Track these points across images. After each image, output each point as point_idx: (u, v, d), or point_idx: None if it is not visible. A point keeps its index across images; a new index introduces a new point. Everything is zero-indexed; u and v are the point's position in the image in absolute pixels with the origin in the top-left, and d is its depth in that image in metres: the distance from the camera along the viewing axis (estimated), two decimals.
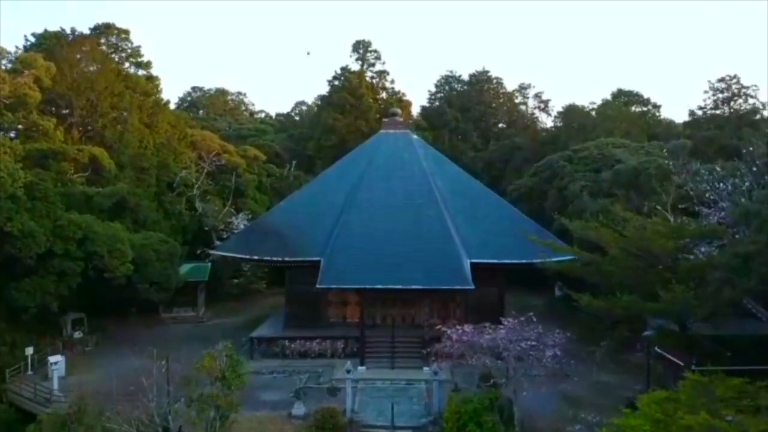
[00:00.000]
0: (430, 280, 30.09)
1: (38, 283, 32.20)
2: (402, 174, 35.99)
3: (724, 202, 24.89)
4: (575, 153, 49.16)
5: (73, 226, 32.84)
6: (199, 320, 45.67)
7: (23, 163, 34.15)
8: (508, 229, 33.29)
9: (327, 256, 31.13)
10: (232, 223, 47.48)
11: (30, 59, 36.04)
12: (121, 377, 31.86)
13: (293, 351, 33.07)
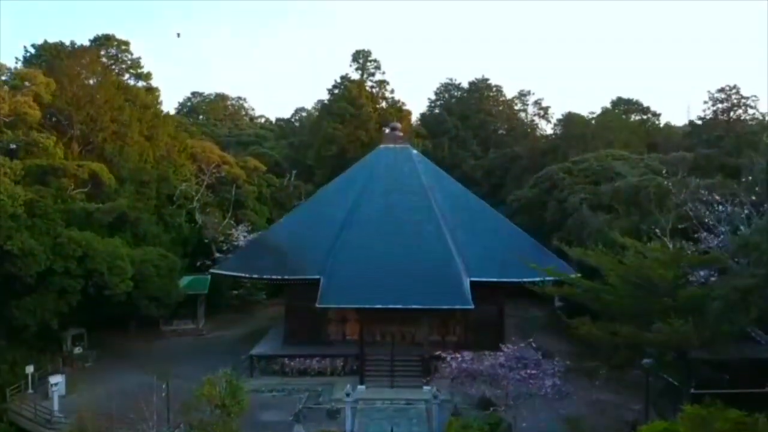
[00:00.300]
0: (430, 299, 30.14)
1: (38, 301, 32.26)
2: (401, 189, 36.04)
3: (723, 225, 24.89)
4: (575, 165, 49.19)
5: (73, 243, 32.88)
6: (199, 333, 45.71)
7: (23, 180, 34.29)
8: (508, 245, 33.36)
9: (327, 275, 31.20)
10: (232, 235, 47.50)
11: (29, 75, 36.08)
12: (121, 396, 32.01)
13: (293, 369, 33.14)
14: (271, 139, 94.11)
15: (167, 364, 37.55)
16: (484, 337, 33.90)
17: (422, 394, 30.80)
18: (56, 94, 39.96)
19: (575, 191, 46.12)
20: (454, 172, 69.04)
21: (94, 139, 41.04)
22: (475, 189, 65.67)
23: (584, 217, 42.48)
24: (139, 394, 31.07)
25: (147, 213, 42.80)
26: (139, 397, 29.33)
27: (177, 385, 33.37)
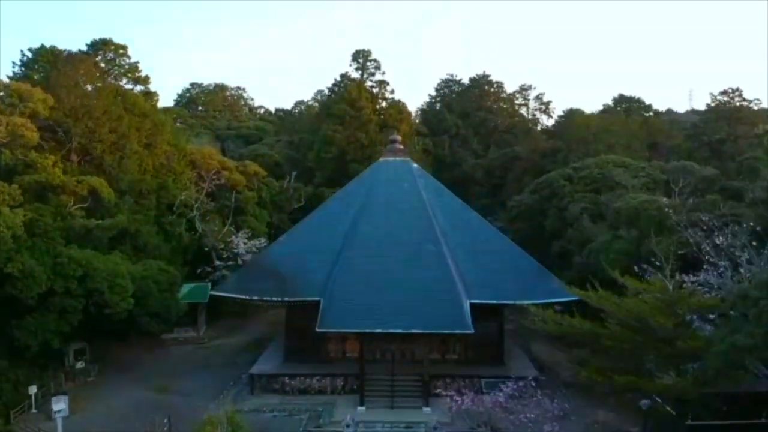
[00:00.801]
0: (430, 324, 30.21)
1: (39, 321, 32.31)
2: (402, 207, 35.92)
3: (723, 260, 24.78)
4: (575, 171, 49.02)
5: (74, 263, 32.82)
6: (200, 341, 45.95)
7: (23, 197, 34.19)
8: (508, 266, 33.38)
9: (326, 297, 31.22)
10: (232, 242, 47.51)
11: (26, 92, 35.64)
12: (125, 416, 32.33)
13: (293, 387, 33.37)
14: (271, 133, 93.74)
15: (168, 378, 38.15)
16: (484, 354, 34.26)
17: (422, 416, 31.23)
18: (54, 107, 39.68)
19: (575, 200, 46.09)
20: (455, 170, 69.20)
21: (93, 150, 40.81)
22: (475, 189, 66.09)
23: (584, 228, 42.57)
24: (140, 415, 31.97)
25: (147, 224, 42.74)
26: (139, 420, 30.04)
27: (178, 403, 34.07)
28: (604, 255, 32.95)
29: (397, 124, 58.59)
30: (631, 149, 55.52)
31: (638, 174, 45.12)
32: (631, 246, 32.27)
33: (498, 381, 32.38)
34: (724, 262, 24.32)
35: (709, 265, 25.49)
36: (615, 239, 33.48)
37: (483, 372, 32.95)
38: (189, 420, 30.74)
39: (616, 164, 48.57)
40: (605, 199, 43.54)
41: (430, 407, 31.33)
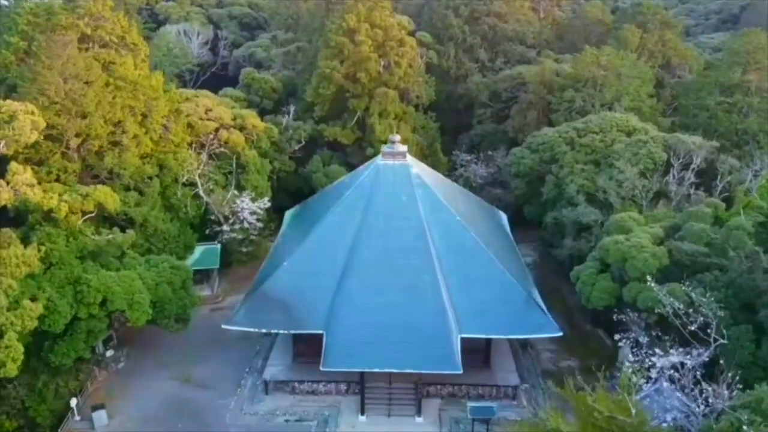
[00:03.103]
0: (422, 362, 33.38)
1: (69, 344, 35.64)
2: (399, 227, 36.99)
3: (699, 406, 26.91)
4: (578, 134, 48.29)
5: (93, 291, 35.14)
6: (216, 300, 49.69)
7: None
8: (498, 295, 35.48)
9: (329, 333, 34.00)
10: (237, 206, 48.93)
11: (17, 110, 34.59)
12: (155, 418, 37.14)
13: (302, 390, 37.74)
14: (266, 10, 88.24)
15: (189, 361, 42.39)
16: (474, 360, 37.82)
17: (415, 427, 35.97)
18: (45, 105, 38.85)
19: (574, 172, 46.39)
20: (459, 86, 67.19)
21: (91, 150, 40.66)
22: (480, 112, 64.89)
23: (578, 214, 43.84)
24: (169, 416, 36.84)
25: (153, 209, 44.02)
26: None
27: (200, 399, 38.79)
28: (590, 288, 34.99)
29: (398, 58, 55.81)
30: (640, 97, 53.82)
31: (639, 151, 44.88)
32: (615, 288, 34.17)
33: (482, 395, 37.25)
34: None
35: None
36: (600, 274, 35.15)
37: (470, 379, 36.81)
38: (212, 422, 36.17)
39: (620, 128, 47.85)
40: (601, 184, 44.10)
41: (422, 416, 36.07)
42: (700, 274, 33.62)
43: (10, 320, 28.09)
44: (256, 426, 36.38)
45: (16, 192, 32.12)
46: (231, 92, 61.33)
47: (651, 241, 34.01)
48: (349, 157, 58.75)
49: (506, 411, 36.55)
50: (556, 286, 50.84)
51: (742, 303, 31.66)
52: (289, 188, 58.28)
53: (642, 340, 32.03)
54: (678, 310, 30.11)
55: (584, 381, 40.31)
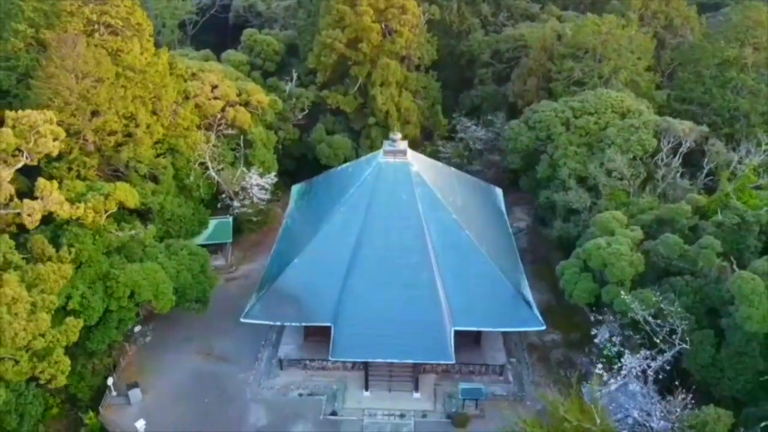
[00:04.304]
0: (420, 354, 37.65)
1: (103, 332, 39.65)
2: (400, 225, 39.85)
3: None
4: (574, 115, 49.74)
5: (122, 286, 38.75)
6: (230, 269, 53.44)
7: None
8: (489, 291, 38.99)
9: (336, 326, 37.97)
10: (246, 183, 51.53)
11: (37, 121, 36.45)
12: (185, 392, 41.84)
13: (313, 366, 42.29)
14: None
15: (211, 335, 46.63)
16: (465, 340, 42.00)
17: (412, 403, 40.68)
18: (61, 107, 40.67)
19: (568, 155, 48.49)
20: (462, 43, 67.33)
21: (107, 146, 42.80)
22: (481, 71, 65.64)
23: (570, 199, 46.54)
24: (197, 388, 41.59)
25: (168, 195, 46.75)
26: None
27: (223, 373, 43.44)
28: (572, 286, 38.48)
29: (400, 27, 55.87)
30: (637, 70, 54.52)
31: (630, 137, 46.74)
32: (595, 288, 37.60)
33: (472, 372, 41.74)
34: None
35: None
36: (582, 273, 38.42)
37: (462, 358, 40.97)
38: (235, 396, 41.02)
39: (614, 109, 49.30)
40: (591, 170, 46.39)
41: (419, 392, 40.79)
42: (674, 277, 36.98)
43: (56, 338, 31.85)
44: (273, 399, 41.20)
45: (48, 211, 34.71)
46: (233, 55, 61.95)
47: (630, 247, 36.97)
48: (351, 123, 60.43)
49: (494, 386, 41.35)
50: (545, 254, 54.36)
51: (708, 308, 35.25)
52: (293, 154, 60.45)
53: (615, 339, 36.02)
54: (646, 318, 33.81)
55: (566, 354, 45.59)
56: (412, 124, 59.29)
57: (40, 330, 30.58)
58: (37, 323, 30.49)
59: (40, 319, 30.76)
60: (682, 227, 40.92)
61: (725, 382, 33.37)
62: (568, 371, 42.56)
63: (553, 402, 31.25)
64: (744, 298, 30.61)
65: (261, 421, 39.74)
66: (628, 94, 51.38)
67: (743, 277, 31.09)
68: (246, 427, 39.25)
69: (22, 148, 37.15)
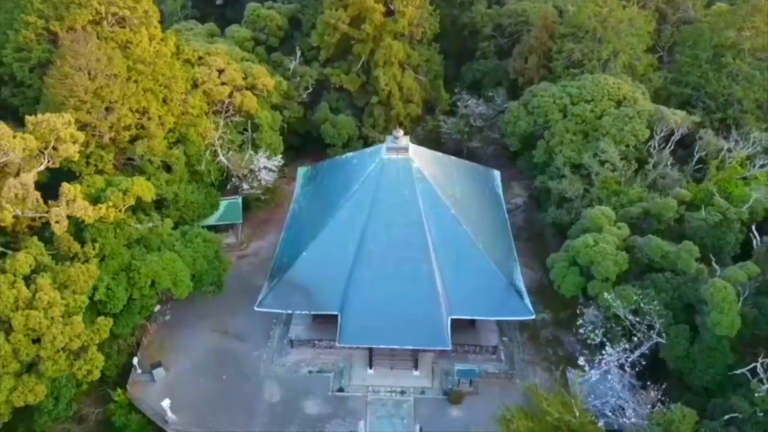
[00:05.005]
0: (419, 340, 40.98)
1: (127, 318, 42.93)
2: (402, 221, 42.30)
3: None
4: (571, 102, 51.11)
5: (144, 277, 41.72)
6: (241, 246, 56.27)
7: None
8: (484, 283, 41.86)
9: (343, 314, 41.18)
10: (254, 166, 53.67)
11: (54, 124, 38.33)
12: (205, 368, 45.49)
13: (321, 345, 45.86)
14: None
15: (226, 312, 49.86)
16: (462, 322, 45.20)
17: (412, 380, 44.40)
18: (77, 106, 42.45)
19: (564, 142, 50.35)
20: (464, 15, 67.59)
21: (122, 140, 44.76)
22: (482, 45, 66.27)
23: (564, 187, 48.79)
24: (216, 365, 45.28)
25: (181, 183, 49.03)
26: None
27: (238, 350, 47.03)
28: (561, 279, 41.38)
29: (403, 7, 56.28)
30: (635, 53, 55.28)
31: (623, 127, 48.42)
32: (582, 282, 40.47)
33: (467, 352, 45.26)
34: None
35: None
36: (571, 267, 41.19)
37: (459, 338, 44.41)
38: (250, 373, 44.81)
39: (611, 96, 50.68)
40: (586, 160, 48.37)
41: (418, 370, 44.48)
42: (656, 273, 39.80)
43: (90, 336, 35.08)
44: (285, 376, 45.01)
45: (74, 217, 37.25)
46: (237, 31, 62.53)
47: (616, 245, 39.59)
48: (354, 100, 61.77)
49: (487, 364, 45.04)
50: (540, 231, 57.03)
51: (685, 304, 38.24)
52: (298, 131, 62.11)
53: (597, 331, 39.23)
54: (626, 316, 36.94)
55: (555, 334, 49.02)
56: (414, 103, 60.64)
57: (75, 332, 33.70)
58: (73, 326, 33.59)
59: (75, 322, 33.85)
60: (668, 219, 43.49)
61: (697, 373, 36.73)
62: (556, 350, 46.95)
63: (537, 395, 34.73)
64: (715, 305, 33.52)
65: (275, 397, 43.72)
66: (625, 79, 52.57)
67: (716, 285, 33.87)
68: (261, 403, 43.21)
69: (44, 152, 39.35)
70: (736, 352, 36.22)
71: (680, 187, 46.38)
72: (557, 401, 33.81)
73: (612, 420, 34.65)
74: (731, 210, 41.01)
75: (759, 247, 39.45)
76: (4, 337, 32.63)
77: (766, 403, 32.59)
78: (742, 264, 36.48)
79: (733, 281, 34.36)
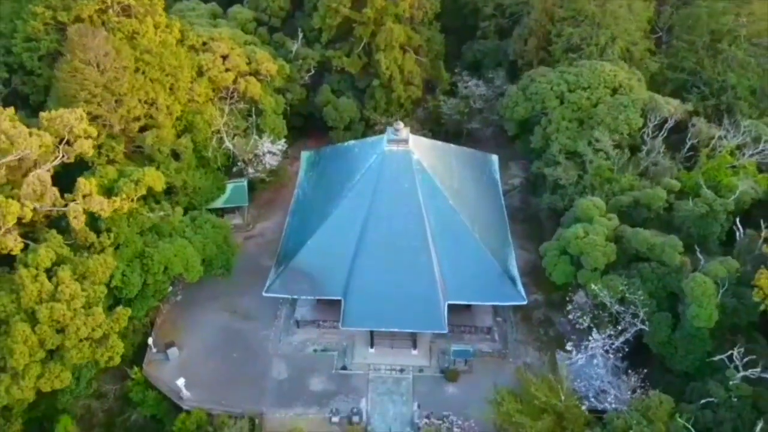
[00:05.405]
0: (418, 323, 43.44)
1: (142, 302, 45.40)
2: (402, 212, 44.18)
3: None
4: (568, 89, 52.18)
5: (157, 263, 43.97)
6: (247, 227, 58.33)
7: None
8: (479, 270, 44.09)
9: (346, 299, 43.57)
10: (259, 150, 55.25)
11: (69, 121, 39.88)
12: (216, 347, 48.15)
13: (326, 325, 48.45)
14: None
15: (235, 292, 52.16)
16: (459, 305, 47.70)
17: (411, 358, 47.06)
18: (88, 100, 43.94)
19: (560, 129, 51.76)
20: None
21: (132, 131, 46.33)
22: (483, 24, 66.84)
23: (558, 175, 50.49)
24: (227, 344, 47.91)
25: (189, 170, 50.74)
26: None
27: (248, 330, 49.58)
28: (552, 267, 43.57)
29: None
30: (632, 40, 55.93)
31: (618, 116, 49.73)
32: (572, 270, 42.63)
33: (463, 332, 47.79)
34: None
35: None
36: (562, 256, 43.27)
37: (456, 320, 46.87)
38: (258, 352, 47.50)
39: (607, 84, 51.77)
40: (581, 149, 49.89)
41: (417, 349, 47.15)
42: (642, 263, 41.92)
43: (110, 326, 37.55)
44: (292, 354, 47.75)
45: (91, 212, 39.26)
46: (239, 12, 63.10)
47: (605, 236, 41.59)
48: (356, 82, 62.78)
49: (482, 344, 47.66)
50: (535, 212, 58.91)
51: (668, 293, 40.49)
52: (300, 112, 63.34)
53: (585, 317, 41.63)
54: (611, 304, 39.29)
55: (547, 314, 51.43)
56: (415, 86, 61.67)
57: (97, 322, 36.15)
58: (94, 317, 36.01)
59: (96, 313, 36.27)
60: (657, 208, 45.38)
61: (678, 358, 39.27)
62: (548, 330, 49.50)
63: (526, 380, 37.36)
64: (695, 299, 35.74)
65: (282, 375, 46.54)
66: (622, 66, 53.50)
67: (696, 280, 36.03)
68: (270, 380, 46.01)
69: (59, 146, 41.08)
70: (715, 339, 38.60)
71: (671, 174, 48.10)
72: (545, 386, 36.44)
73: (595, 404, 37.31)
74: (717, 202, 42.80)
75: (741, 239, 41.41)
76: (31, 328, 35.02)
77: (740, 390, 35.19)
78: (723, 259, 38.48)
79: (713, 276, 36.46)
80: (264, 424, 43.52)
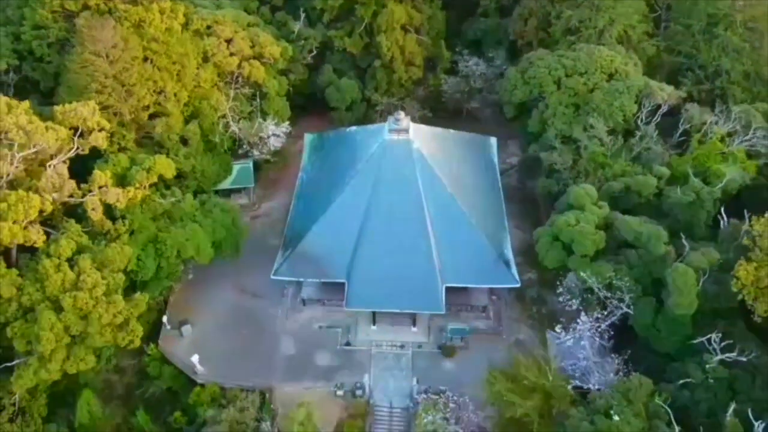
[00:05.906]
0: (417, 304, 46.07)
1: (157, 283, 47.96)
2: (402, 200, 46.27)
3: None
4: (566, 74, 53.35)
5: (170, 248, 46.31)
6: (253, 207, 60.34)
7: None
8: (475, 254, 46.46)
9: (350, 282, 46.08)
10: (264, 133, 56.87)
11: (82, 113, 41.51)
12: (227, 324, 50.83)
13: (331, 304, 51.09)
14: None
15: (243, 272, 54.49)
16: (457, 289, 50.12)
17: (411, 335, 49.80)
18: (99, 90, 45.46)
19: (557, 114, 53.24)
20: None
21: (141, 120, 47.94)
22: (485, 3, 67.35)
23: (554, 159, 52.25)
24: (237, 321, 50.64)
25: (198, 155, 52.51)
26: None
27: (256, 308, 52.21)
28: (545, 252, 45.86)
29: None
30: (630, 23, 56.61)
31: (613, 102, 51.12)
32: (563, 256, 44.90)
33: (460, 310, 50.42)
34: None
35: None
36: (554, 242, 45.46)
37: (453, 299, 49.36)
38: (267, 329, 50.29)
39: (603, 69, 52.94)
40: (576, 135, 51.47)
41: (416, 327, 49.92)
42: (630, 249, 44.18)
43: (130, 311, 40.13)
44: (299, 331, 50.55)
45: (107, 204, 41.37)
46: None
47: (596, 223, 43.73)
48: (358, 62, 63.75)
49: (477, 322, 50.38)
50: (531, 192, 60.74)
51: (653, 279, 42.85)
52: (303, 92, 64.52)
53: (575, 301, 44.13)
54: (599, 290, 41.75)
55: (540, 293, 53.90)
56: (416, 66, 62.64)
57: (117, 309, 38.72)
58: (115, 304, 38.56)
59: (117, 301, 38.79)
60: (648, 195, 47.38)
61: (661, 340, 41.91)
62: (540, 308, 52.09)
63: (516, 361, 40.11)
64: (676, 287, 38.12)
65: (290, 350, 49.42)
66: (618, 50, 54.49)
67: (678, 271, 38.34)
68: (278, 356, 48.89)
69: (73, 138, 42.87)
70: (696, 323, 41.11)
71: (663, 160, 49.83)
72: (534, 366, 39.20)
73: (580, 384, 40.16)
74: (704, 190, 44.74)
75: (725, 227, 43.50)
76: (56, 316, 37.62)
77: (716, 372, 37.89)
78: (705, 250, 40.70)
79: (695, 266, 38.73)
80: (274, 397, 46.64)
